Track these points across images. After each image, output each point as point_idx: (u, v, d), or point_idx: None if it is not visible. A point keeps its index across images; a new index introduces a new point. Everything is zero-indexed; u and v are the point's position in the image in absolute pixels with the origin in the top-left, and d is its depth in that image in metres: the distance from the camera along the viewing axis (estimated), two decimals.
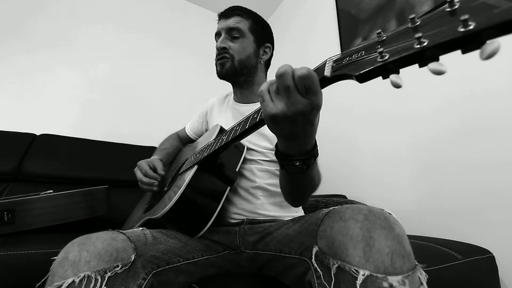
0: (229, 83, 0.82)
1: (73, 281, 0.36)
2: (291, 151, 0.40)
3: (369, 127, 1.27)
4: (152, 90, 1.84)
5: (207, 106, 0.90)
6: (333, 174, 1.37)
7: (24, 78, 1.47)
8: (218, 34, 0.77)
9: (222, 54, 0.73)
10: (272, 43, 0.81)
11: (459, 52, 0.22)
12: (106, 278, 0.38)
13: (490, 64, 0.83)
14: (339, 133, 1.42)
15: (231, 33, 0.74)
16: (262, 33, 0.79)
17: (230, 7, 0.77)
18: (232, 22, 0.74)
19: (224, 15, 0.76)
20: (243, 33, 0.74)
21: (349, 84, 1.37)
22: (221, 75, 0.75)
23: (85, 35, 1.70)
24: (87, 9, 1.75)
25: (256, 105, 0.74)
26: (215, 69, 0.77)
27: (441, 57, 0.23)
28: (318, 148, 0.42)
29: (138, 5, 1.95)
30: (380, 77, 0.27)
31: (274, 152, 0.69)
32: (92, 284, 0.37)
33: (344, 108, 1.41)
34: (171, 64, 1.97)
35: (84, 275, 0.37)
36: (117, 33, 1.81)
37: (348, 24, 1.44)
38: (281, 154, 0.42)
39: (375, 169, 1.21)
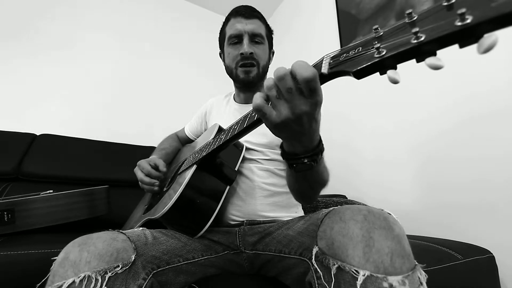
0: (229, 83, 0.81)
1: (74, 281, 0.36)
2: (298, 150, 0.40)
3: (370, 126, 1.27)
4: (152, 90, 1.84)
5: (206, 106, 0.90)
6: (333, 174, 1.37)
7: (25, 78, 1.47)
8: (237, 36, 0.72)
9: (250, 60, 0.71)
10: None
11: (458, 48, 0.21)
12: (106, 278, 0.38)
13: (489, 59, 0.83)
14: (339, 133, 1.42)
15: (254, 38, 0.72)
16: (271, 38, 0.80)
17: (248, 7, 0.74)
18: (255, 26, 0.72)
19: (243, 14, 0.72)
20: (264, 39, 0.74)
21: (349, 85, 1.37)
22: (248, 82, 0.72)
23: (86, 35, 1.70)
24: (88, 10, 1.75)
25: None
26: (233, 74, 0.74)
27: (439, 52, 0.23)
28: (323, 143, 0.42)
29: (139, 6, 1.95)
30: (378, 73, 0.27)
31: (274, 151, 0.69)
32: (93, 284, 0.37)
33: (344, 108, 1.41)
34: (171, 64, 1.97)
35: (85, 275, 0.37)
36: (117, 34, 1.81)
37: (348, 24, 1.45)
38: (288, 154, 0.42)
39: (375, 169, 1.21)
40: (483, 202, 0.82)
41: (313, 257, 0.38)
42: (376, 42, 0.26)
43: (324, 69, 0.31)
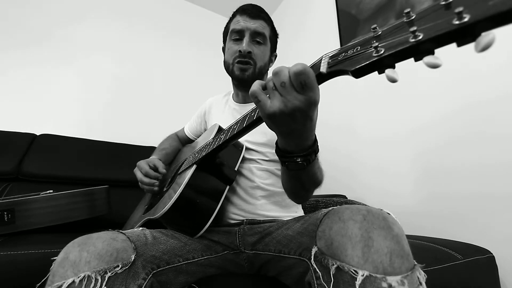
0: (229, 83, 0.81)
1: (73, 281, 0.36)
2: (291, 148, 0.40)
3: (371, 126, 1.27)
4: (152, 90, 1.85)
5: (205, 106, 0.90)
6: (333, 168, 1.37)
7: (25, 78, 1.47)
8: (239, 32, 0.71)
9: (246, 58, 0.70)
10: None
11: (461, 45, 0.21)
12: (106, 278, 0.38)
13: (491, 60, 0.83)
14: (340, 132, 1.42)
15: (255, 37, 0.71)
16: (275, 42, 0.80)
17: (256, 7, 0.74)
18: (259, 26, 0.71)
19: (249, 13, 0.72)
20: (266, 40, 0.73)
21: (350, 84, 1.36)
22: (242, 80, 0.72)
23: (86, 35, 1.70)
24: (88, 10, 1.75)
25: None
26: (229, 69, 0.74)
27: (437, 51, 0.23)
28: (318, 144, 0.42)
29: (139, 6, 1.95)
30: (376, 72, 0.27)
31: (274, 151, 0.69)
32: (92, 284, 0.37)
33: (344, 106, 1.41)
34: (171, 64, 1.97)
35: (84, 275, 0.37)
36: (118, 34, 1.82)
37: (348, 24, 1.44)
38: (281, 151, 0.42)
39: (376, 170, 1.21)
40: (483, 202, 0.82)
41: (312, 257, 0.38)
42: (374, 41, 0.26)
43: (323, 68, 0.31)
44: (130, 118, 1.71)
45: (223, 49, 0.81)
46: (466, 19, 0.19)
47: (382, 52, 0.25)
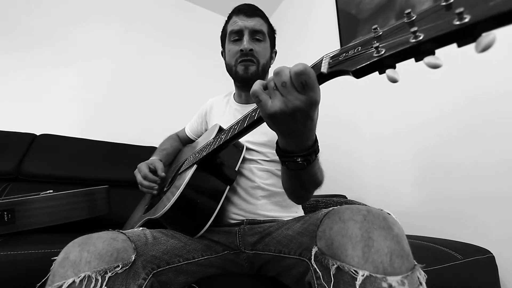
0: (230, 84, 0.81)
1: (74, 281, 0.36)
2: (292, 148, 0.40)
3: (371, 126, 1.27)
4: (153, 90, 1.85)
5: (206, 106, 0.90)
6: (334, 174, 1.37)
7: (25, 78, 1.47)
8: (238, 33, 0.71)
9: (249, 57, 0.70)
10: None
11: (469, 45, 0.21)
12: (106, 278, 0.38)
13: (493, 60, 0.83)
14: (340, 132, 1.42)
15: (254, 35, 0.72)
16: (274, 38, 0.80)
17: (251, 6, 0.75)
18: (257, 23, 0.72)
19: (245, 12, 0.72)
20: (265, 37, 0.74)
21: (350, 84, 1.37)
22: (246, 78, 0.71)
23: (86, 36, 1.70)
24: (88, 11, 1.75)
25: None
26: (232, 71, 0.73)
27: (438, 51, 0.23)
28: (318, 144, 0.43)
29: (139, 6, 1.95)
30: (377, 72, 0.27)
31: (274, 151, 0.69)
32: (93, 284, 0.37)
33: (344, 106, 1.41)
34: (171, 64, 1.97)
35: (85, 275, 0.37)
36: (117, 34, 1.82)
37: (348, 24, 1.45)
38: (282, 151, 0.43)
39: (376, 170, 1.21)
40: (483, 202, 0.82)
41: (313, 257, 0.38)
42: (375, 42, 0.26)
43: (324, 68, 0.31)
44: (130, 118, 1.71)
45: (223, 53, 0.81)
46: (466, 20, 0.19)
47: (382, 52, 0.25)
